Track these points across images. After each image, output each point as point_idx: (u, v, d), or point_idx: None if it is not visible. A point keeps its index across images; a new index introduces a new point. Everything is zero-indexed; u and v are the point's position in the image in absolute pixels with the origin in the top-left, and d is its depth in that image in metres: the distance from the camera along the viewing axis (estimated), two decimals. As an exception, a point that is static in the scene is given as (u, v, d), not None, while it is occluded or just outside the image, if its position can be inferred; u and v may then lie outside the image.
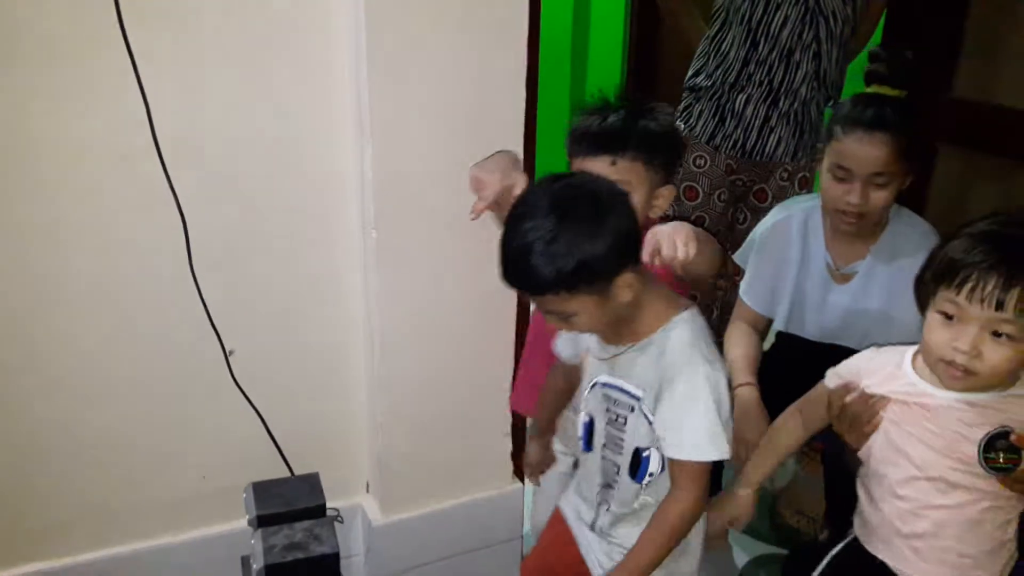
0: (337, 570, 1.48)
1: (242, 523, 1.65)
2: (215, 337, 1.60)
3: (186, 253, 1.53)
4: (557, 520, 1.53)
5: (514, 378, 1.74)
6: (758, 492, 1.53)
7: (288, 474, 1.74)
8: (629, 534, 1.33)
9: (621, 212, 1.18)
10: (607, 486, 1.37)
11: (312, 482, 1.62)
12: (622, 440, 1.32)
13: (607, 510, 1.38)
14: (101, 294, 1.53)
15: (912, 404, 1.30)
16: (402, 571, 1.87)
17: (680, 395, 1.22)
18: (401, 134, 1.52)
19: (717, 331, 2.48)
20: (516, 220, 1.18)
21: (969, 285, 1.17)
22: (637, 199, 1.35)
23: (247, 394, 1.66)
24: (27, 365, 1.53)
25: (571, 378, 1.49)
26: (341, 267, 1.67)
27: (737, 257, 2.01)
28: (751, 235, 1.96)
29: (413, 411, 1.75)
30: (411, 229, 1.60)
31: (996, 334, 1.17)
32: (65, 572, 1.65)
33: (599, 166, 1.37)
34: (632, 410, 1.29)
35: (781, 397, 1.77)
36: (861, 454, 1.40)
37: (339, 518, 1.61)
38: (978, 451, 1.23)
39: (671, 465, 1.26)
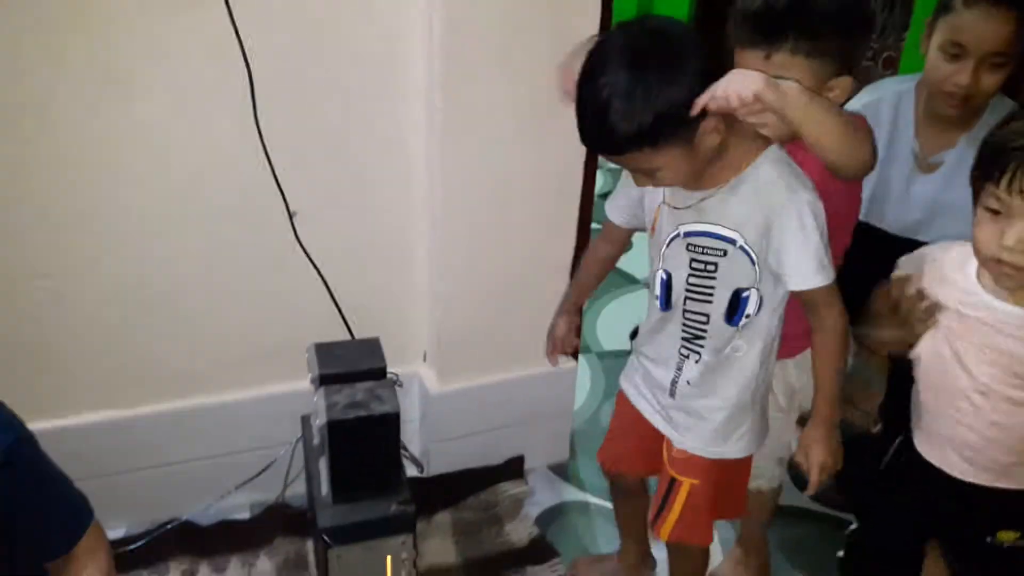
0: (397, 430, 1.49)
1: (302, 384, 1.66)
2: (280, 196, 1.59)
3: (251, 106, 1.49)
4: (622, 403, 1.52)
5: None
6: None
7: (349, 338, 1.75)
8: (716, 385, 1.34)
9: (696, 52, 1.11)
10: (694, 338, 1.33)
11: (373, 346, 1.62)
12: (711, 288, 1.27)
13: (697, 362, 1.33)
14: (166, 147, 1.52)
15: (970, 316, 1.21)
16: (456, 438, 1.90)
17: (795, 227, 1.19)
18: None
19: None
20: (589, 76, 1.12)
21: (1008, 174, 1.08)
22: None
23: (311, 256, 1.66)
24: (93, 222, 1.54)
25: (619, 244, 1.47)
26: (407, 132, 1.64)
27: None
28: None
29: (472, 283, 1.74)
30: (478, 92, 1.55)
31: None
32: (129, 423, 1.70)
33: (752, 61, 1.22)
34: (724, 254, 1.24)
35: (852, 290, 1.73)
36: (912, 355, 1.32)
37: (399, 382, 1.62)
38: None
39: (805, 296, 1.24)
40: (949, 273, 1.26)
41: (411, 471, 1.70)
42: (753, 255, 1.23)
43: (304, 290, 1.70)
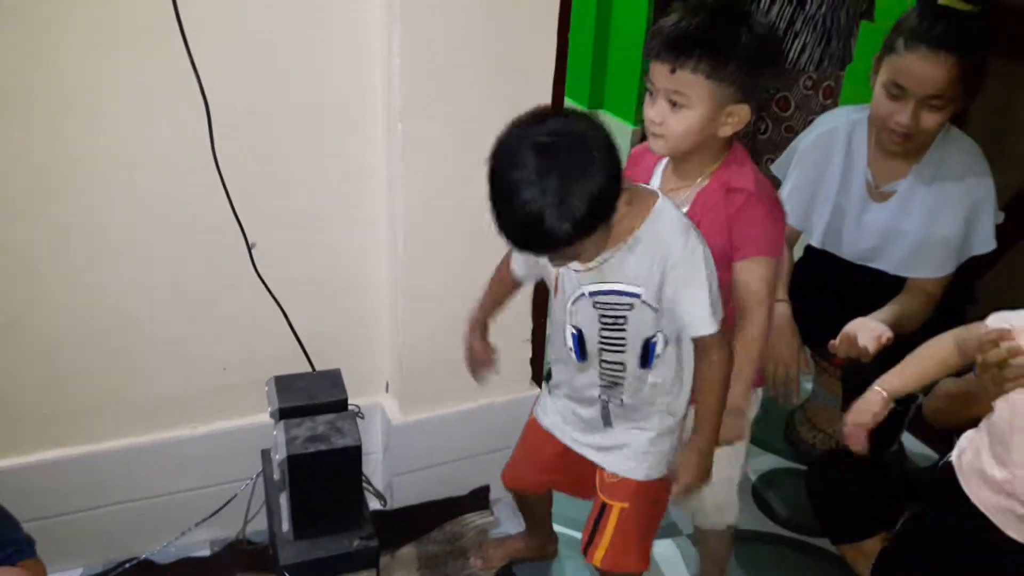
0: (359, 463, 1.48)
1: (262, 418, 1.64)
2: (238, 228, 1.57)
3: (209, 140, 1.48)
4: (532, 431, 1.58)
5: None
6: (890, 400, 1.43)
7: (309, 370, 1.74)
8: (641, 415, 1.40)
9: (596, 133, 1.14)
10: (613, 384, 1.37)
11: (334, 377, 1.61)
12: (623, 339, 1.32)
13: (619, 404, 1.39)
14: (123, 180, 1.50)
15: None
16: (419, 469, 1.88)
17: (688, 279, 1.26)
18: (432, 18, 1.47)
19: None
20: (510, 188, 1.12)
21: None
22: (695, 115, 1.28)
23: (270, 288, 1.64)
24: (48, 253, 1.51)
25: (515, 286, 1.53)
26: (367, 162, 1.64)
27: (775, 168, 1.96)
28: (791, 146, 1.91)
29: (434, 312, 1.73)
30: (439, 121, 1.55)
31: None
32: (85, 460, 1.66)
33: (659, 72, 1.29)
34: (631, 307, 1.29)
35: (812, 313, 1.75)
36: (996, 403, 1.30)
37: (360, 414, 1.60)
38: None
39: (699, 341, 1.30)
40: None
41: (374, 504, 1.68)
42: (655, 306, 1.28)
43: (264, 322, 1.68)
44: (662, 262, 1.24)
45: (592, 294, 1.30)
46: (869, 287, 1.81)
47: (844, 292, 1.83)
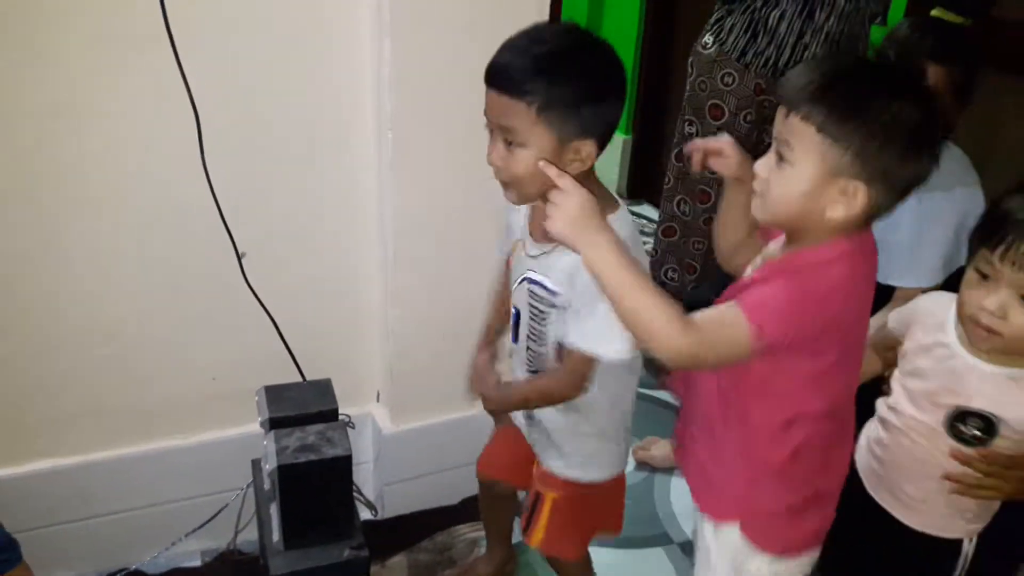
0: (349, 472, 1.48)
1: (253, 427, 1.63)
2: (228, 238, 1.57)
3: (199, 147, 1.48)
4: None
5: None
6: None
7: (300, 379, 1.73)
8: (553, 419, 1.37)
9: (620, 79, 1.17)
10: (534, 373, 1.39)
11: (324, 387, 1.60)
12: (544, 333, 1.32)
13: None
14: (113, 189, 1.50)
15: (942, 366, 1.26)
16: (410, 479, 1.88)
17: (587, 291, 1.16)
18: (421, 27, 1.48)
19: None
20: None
21: (1003, 245, 1.14)
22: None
23: (260, 297, 1.64)
24: (38, 261, 1.51)
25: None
26: (356, 170, 1.64)
27: None
28: None
29: (425, 321, 1.74)
30: (428, 131, 1.56)
31: None
32: (75, 470, 1.66)
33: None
34: (553, 306, 1.27)
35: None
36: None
37: (351, 424, 1.60)
38: (946, 420, 1.24)
39: (565, 351, 1.26)
40: (940, 321, 1.29)
41: (365, 514, 1.68)
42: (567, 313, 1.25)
43: (254, 332, 1.68)
44: (569, 271, 1.21)
45: (529, 280, 1.30)
46: None
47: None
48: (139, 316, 1.61)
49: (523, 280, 1.31)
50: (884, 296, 1.78)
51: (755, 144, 2.26)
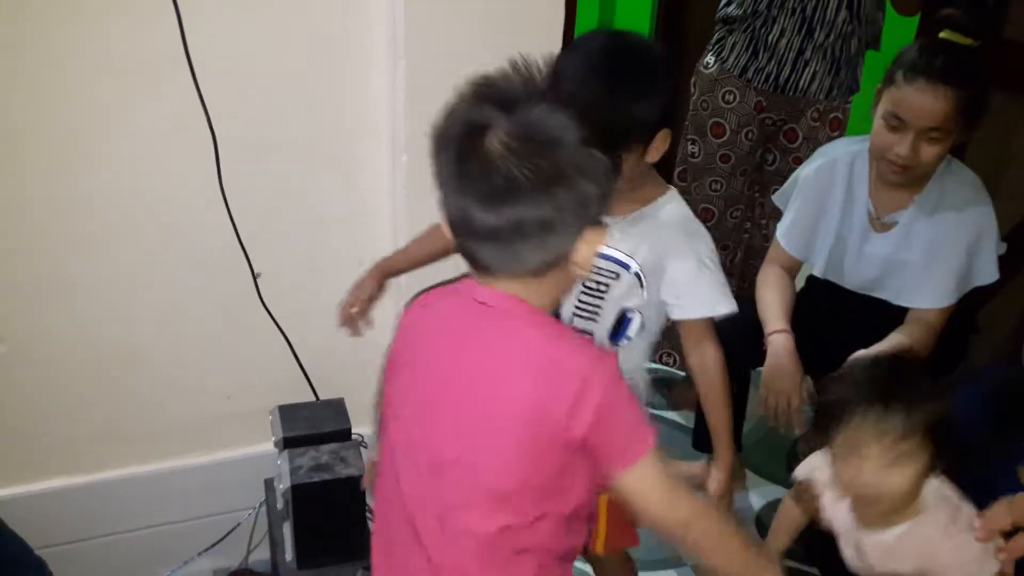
0: (363, 492, 1.49)
1: (266, 447, 1.65)
2: (244, 258, 1.59)
3: (216, 171, 1.50)
4: None
5: None
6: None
7: (313, 399, 1.74)
8: None
9: (664, 71, 1.22)
10: None
11: (337, 407, 1.62)
12: (599, 307, 1.34)
13: None
14: (131, 211, 1.52)
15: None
16: (423, 499, 1.88)
17: (692, 266, 1.29)
18: (435, 52, 1.49)
19: (741, 274, 2.41)
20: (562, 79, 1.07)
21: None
22: None
23: (275, 317, 1.66)
24: (55, 281, 1.53)
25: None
26: (371, 194, 1.66)
27: (776, 199, 1.97)
28: (793, 176, 1.92)
29: (439, 341, 1.74)
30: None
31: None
32: (89, 489, 1.67)
33: None
34: (617, 277, 1.31)
35: (814, 343, 1.75)
36: None
37: (364, 443, 1.61)
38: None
39: (687, 326, 1.34)
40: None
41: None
42: (644, 281, 1.31)
43: (268, 351, 1.69)
44: (661, 248, 1.29)
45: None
46: (871, 318, 1.81)
47: (846, 323, 1.83)
48: (154, 336, 1.63)
49: None
50: (899, 317, 1.78)
51: (758, 163, 2.27)
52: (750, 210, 2.34)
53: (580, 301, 1.34)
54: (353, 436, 1.58)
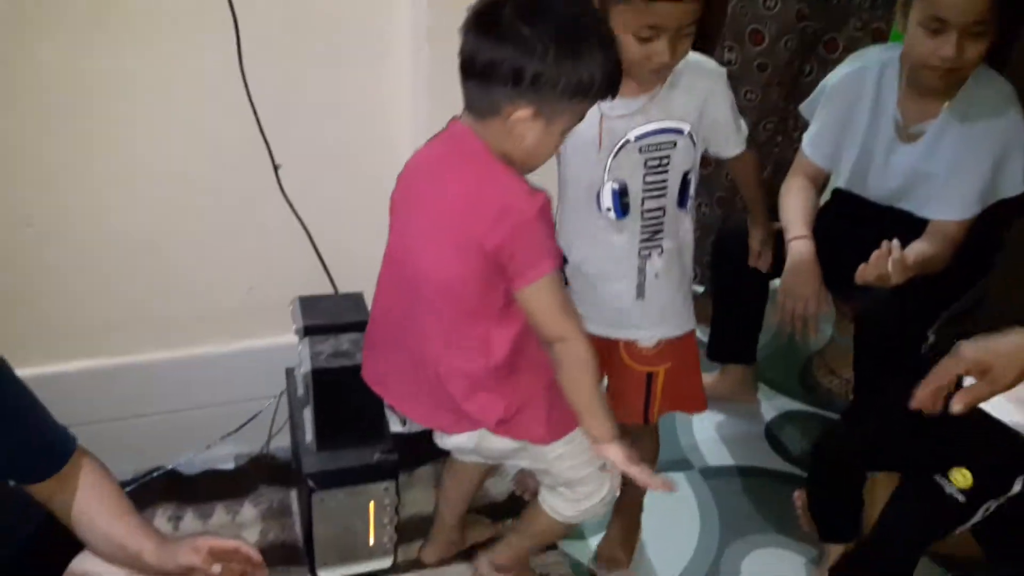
0: (380, 380, 1.52)
1: (286, 338, 1.68)
2: (265, 149, 1.59)
3: (238, 59, 1.50)
4: None
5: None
6: None
7: (333, 292, 1.77)
8: (669, 277, 1.47)
9: None
10: (654, 234, 1.43)
11: (357, 300, 1.64)
12: (665, 181, 1.40)
13: (660, 254, 1.45)
14: (152, 96, 1.53)
15: None
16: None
17: (728, 103, 1.43)
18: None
19: (770, 188, 2.40)
20: None
21: None
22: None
23: (295, 208, 1.67)
24: (80, 167, 1.55)
25: None
26: (393, 85, 1.65)
27: (803, 108, 1.94)
28: (820, 85, 1.89)
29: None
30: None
31: None
32: (114, 371, 1.72)
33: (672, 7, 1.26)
34: (674, 145, 1.37)
35: (835, 255, 1.75)
36: None
37: (382, 335, 1.64)
38: None
39: (740, 161, 1.55)
40: None
41: (395, 427, 1.72)
42: (696, 140, 1.39)
43: (288, 244, 1.71)
44: (703, 92, 1.37)
45: (638, 138, 1.35)
46: (893, 230, 1.80)
47: (868, 235, 1.82)
48: (178, 225, 1.65)
49: (625, 144, 1.36)
50: (920, 230, 1.76)
51: (795, 73, 2.22)
52: (783, 123, 2.31)
53: (647, 181, 1.39)
54: (372, 328, 1.60)
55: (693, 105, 1.37)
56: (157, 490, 1.75)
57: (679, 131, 1.37)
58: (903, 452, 1.50)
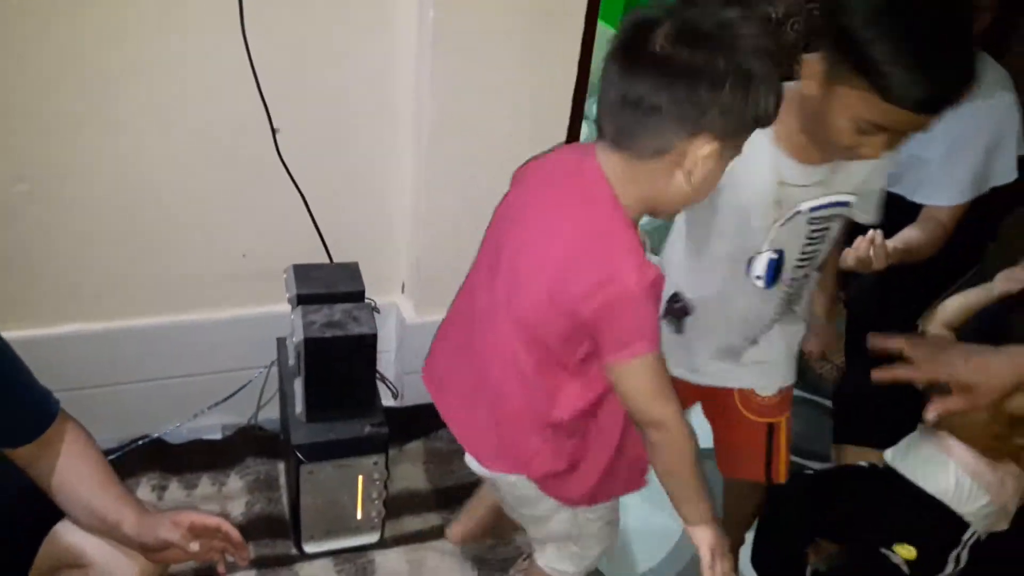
0: (374, 351, 1.50)
1: (278, 307, 1.65)
2: (263, 111, 1.56)
3: (239, 19, 1.46)
4: None
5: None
6: None
7: (328, 262, 1.74)
8: (800, 320, 1.41)
9: None
10: (793, 299, 1.36)
11: (352, 270, 1.61)
12: (819, 250, 1.30)
13: (792, 309, 1.37)
14: (150, 54, 1.48)
15: None
16: (432, 370, 1.90)
17: (886, 171, 1.30)
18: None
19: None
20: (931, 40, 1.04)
21: None
22: None
23: (293, 175, 1.64)
24: (74, 124, 1.50)
25: None
26: (396, 52, 1.61)
27: None
28: None
29: (455, 211, 1.73)
30: (471, 14, 1.53)
31: None
32: (102, 336, 1.69)
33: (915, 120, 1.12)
34: (839, 217, 1.28)
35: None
36: None
37: (377, 308, 1.61)
38: None
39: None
40: None
41: (386, 401, 1.71)
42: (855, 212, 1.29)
43: (285, 211, 1.68)
44: (874, 162, 1.21)
45: (811, 209, 1.24)
46: (886, 214, 1.79)
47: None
48: (174, 185, 1.61)
49: (795, 215, 1.24)
50: (910, 215, 1.75)
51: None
52: None
53: (804, 251, 1.29)
54: (366, 300, 1.58)
55: (863, 175, 1.25)
56: (142, 459, 1.72)
57: (847, 203, 1.26)
58: (848, 523, 1.46)
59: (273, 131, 1.58)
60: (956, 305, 1.49)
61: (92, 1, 1.41)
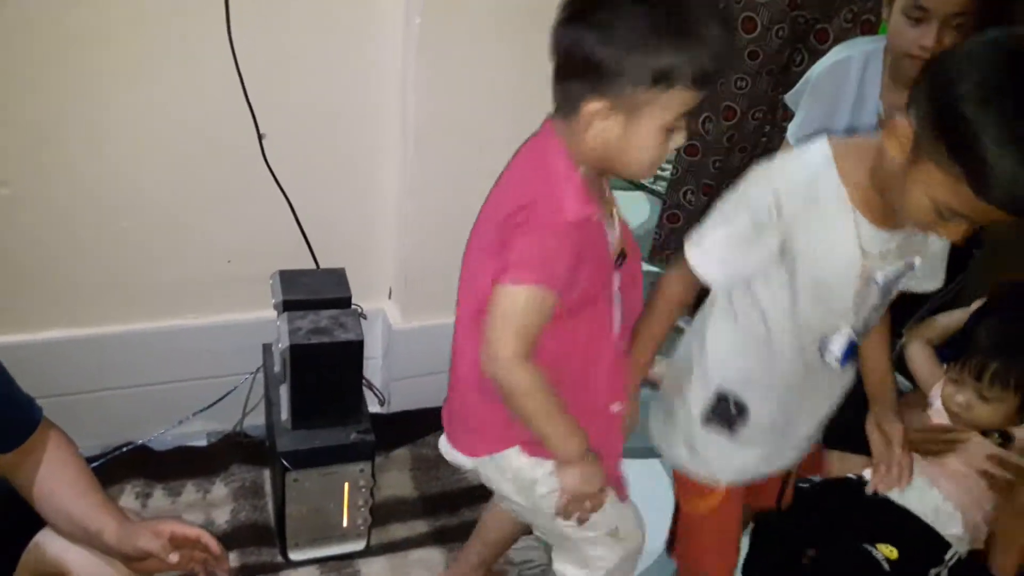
0: (360, 358, 1.49)
1: (264, 313, 1.65)
2: (250, 117, 1.55)
3: (226, 24, 1.46)
4: (722, 506, 1.32)
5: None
6: None
7: (314, 267, 1.74)
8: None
9: None
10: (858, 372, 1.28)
11: (338, 275, 1.60)
12: (879, 316, 1.20)
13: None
14: (136, 59, 1.48)
15: None
16: (418, 376, 1.89)
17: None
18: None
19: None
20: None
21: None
22: None
23: (278, 179, 1.63)
24: (58, 127, 1.49)
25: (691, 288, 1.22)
26: (382, 58, 1.61)
27: (788, 99, 1.93)
28: (806, 75, 1.87)
29: (441, 216, 1.72)
30: (457, 19, 1.53)
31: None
32: (85, 342, 1.67)
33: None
34: (904, 278, 1.15)
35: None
36: None
37: (363, 314, 1.60)
38: None
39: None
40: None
41: (373, 407, 1.70)
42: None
43: (271, 216, 1.68)
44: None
45: (885, 278, 1.11)
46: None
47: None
48: (159, 192, 1.60)
49: (871, 285, 1.12)
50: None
51: (786, 63, 2.21)
52: (772, 112, 2.30)
53: (866, 325, 1.17)
54: (352, 306, 1.57)
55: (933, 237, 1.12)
56: (126, 466, 1.71)
57: (913, 266, 1.13)
58: (832, 527, 1.47)
59: (259, 136, 1.58)
60: (940, 325, 1.63)
61: (75, 5, 1.40)
